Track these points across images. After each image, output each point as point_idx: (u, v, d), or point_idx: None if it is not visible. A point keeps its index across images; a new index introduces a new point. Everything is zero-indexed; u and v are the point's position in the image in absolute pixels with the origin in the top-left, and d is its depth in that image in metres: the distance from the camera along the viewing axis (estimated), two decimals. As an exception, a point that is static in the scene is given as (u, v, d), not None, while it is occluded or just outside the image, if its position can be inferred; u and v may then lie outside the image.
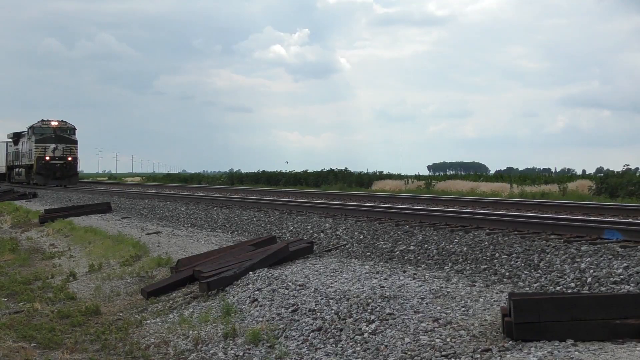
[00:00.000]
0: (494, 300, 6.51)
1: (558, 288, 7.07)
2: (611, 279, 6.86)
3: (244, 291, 8.50)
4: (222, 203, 19.38)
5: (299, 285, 7.99)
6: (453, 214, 11.94)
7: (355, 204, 17.73)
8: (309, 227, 12.85)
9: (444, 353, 5.30)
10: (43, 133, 43.56)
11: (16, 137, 50.58)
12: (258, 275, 8.94)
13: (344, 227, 12.04)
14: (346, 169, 44.07)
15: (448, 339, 5.53)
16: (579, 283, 7.02)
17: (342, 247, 10.93)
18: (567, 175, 39.74)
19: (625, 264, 7.07)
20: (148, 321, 8.49)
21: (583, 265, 7.34)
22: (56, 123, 43.97)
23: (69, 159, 43.61)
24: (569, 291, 6.86)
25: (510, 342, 5.20)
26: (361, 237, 11.14)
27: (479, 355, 5.11)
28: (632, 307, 5.16)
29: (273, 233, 12.85)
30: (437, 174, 66.10)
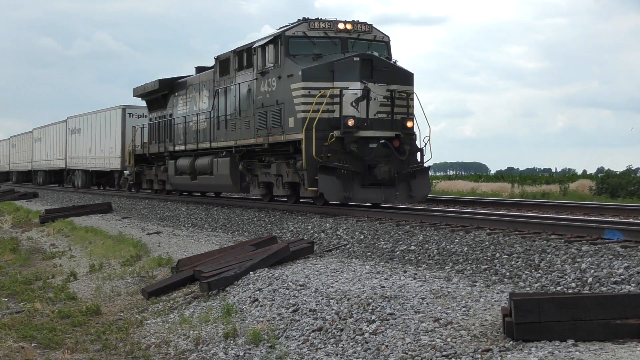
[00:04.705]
0: (495, 301, 6.50)
1: (559, 288, 7.07)
2: (612, 279, 6.85)
3: (245, 291, 8.50)
4: (223, 203, 19.38)
5: (300, 285, 7.99)
6: (454, 214, 11.94)
7: (355, 204, 17.70)
8: (310, 227, 12.84)
9: (444, 353, 5.29)
10: (319, 53, 14.36)
11: (166, 87, 22.07)
12: (259, 275, 8.94)
13: (344, 227, 12.02)
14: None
15: (449, 339, 5.52)
16: (579, 283, 7.01)
17: (343, 247, 10.92)
18: (567, 176, 39.74)
19: (626, 264, 7.06)
20: (149, 321, 8.49)
21: (584, 266, 7.33)
22: (349, 26, 14.76)
23: (408, 124, 14.28)
24: (570, 291, 6.86)
25: (511, 342, 5.20)
26: (362, 237, 11.13)
27: (479, 356, 5.10)
28: (633, 307, 5.16)
29: (273, 233, 12.84)
30: (437, 174, 66.09)
